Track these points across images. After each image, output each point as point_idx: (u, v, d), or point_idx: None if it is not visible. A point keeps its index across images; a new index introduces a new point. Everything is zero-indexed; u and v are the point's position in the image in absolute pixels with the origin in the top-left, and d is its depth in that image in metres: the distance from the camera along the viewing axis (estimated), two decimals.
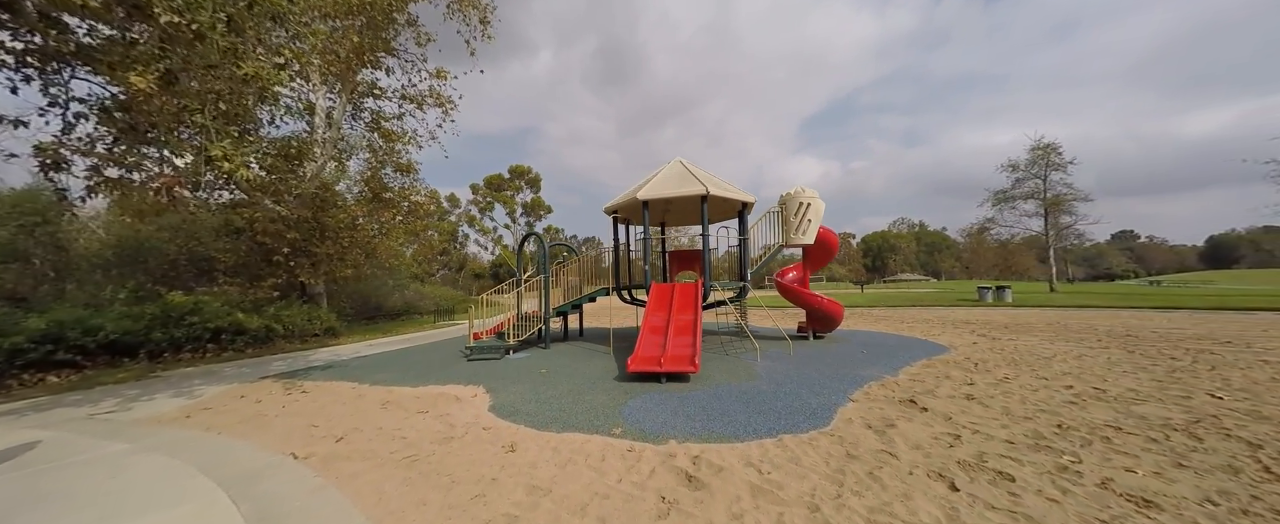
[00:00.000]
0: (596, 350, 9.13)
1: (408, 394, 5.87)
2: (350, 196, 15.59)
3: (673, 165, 9.46)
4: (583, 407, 4.79)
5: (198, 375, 8.00)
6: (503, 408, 4.91)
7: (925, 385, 5.28)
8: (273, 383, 7.12)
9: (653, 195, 8.38)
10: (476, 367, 7.74)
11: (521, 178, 75.47)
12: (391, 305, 23.59)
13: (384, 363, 8.65)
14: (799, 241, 8.85)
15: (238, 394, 6.33)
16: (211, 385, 7.05)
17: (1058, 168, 23.85)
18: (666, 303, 7.63)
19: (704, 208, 8.34)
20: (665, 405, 4.71)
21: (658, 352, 6.31)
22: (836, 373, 6.11)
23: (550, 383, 6.09)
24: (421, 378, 6.94)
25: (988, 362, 6.62)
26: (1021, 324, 11.70)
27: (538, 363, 7.91)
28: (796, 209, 8.89)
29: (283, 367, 8.70)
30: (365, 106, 16.39)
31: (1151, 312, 14.25)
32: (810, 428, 3.83)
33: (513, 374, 6.91)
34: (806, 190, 8.96)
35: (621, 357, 7.93)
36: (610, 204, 9.65)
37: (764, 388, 5.34)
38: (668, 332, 6.72)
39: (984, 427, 3.74)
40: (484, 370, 7.34)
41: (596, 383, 5.97)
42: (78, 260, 14.96)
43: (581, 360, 7.95)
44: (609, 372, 6.75)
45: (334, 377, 7.39)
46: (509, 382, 6.33)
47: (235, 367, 8.87)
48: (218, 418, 5.07)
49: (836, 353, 7.77)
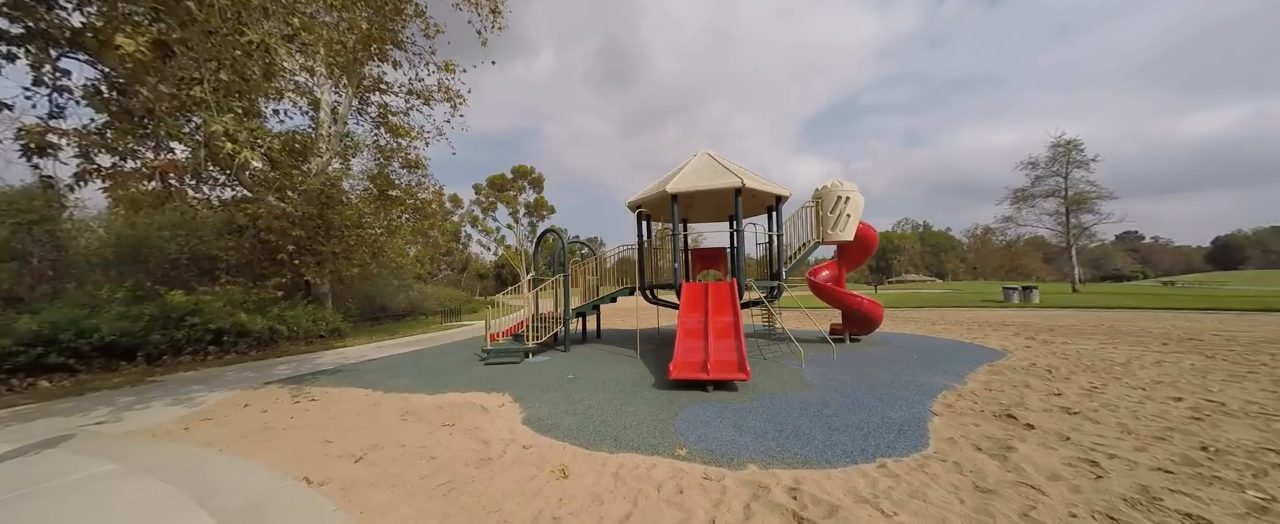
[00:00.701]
0: (620, 354, 8.58)
1: (428, 403, 5.34)
2: (355, 194, 15.10)
3: (700, 158, 8.92)
4: (629, 419, 4.25)
5: (198, 380, 7.48)
6: (539, 421, 4.37)
7: (1008, 396, 4.72)
8: (278, 389, 6.59)
9: (683, 188, 7.84)
10: (495, 371, 7.21)
11: (524, 178, 75.01)
12: (396, 306, 23.12)
13: (396, 367, 8.11)
14: (837, 238, 8.28)
15: (241, 402, 5.80)
16: (213, 392, 6.53)
17: (1079, 165, 23.27)
18: (701, 303, 7.09)
19: (738, 202, 7.80)
20: (723, 419, 4.16)
21: (699, 356, 5.76)
22: (897, 380, 5.55)
23: (583, 391, 5.55)
24: (439, 384, 6.40)
25: (1059, 369, 6.05)
26: (1063, 327, 11.13)
27: (560, 367, 7.37)
28: (834, 203, 8.33)
29: (288, 371, 8.17)
30: (371, 101, 15.91)
31: (1193, 313, 13.66)
32: (909, 449, 3.28)
33: (537, 380, 6.37)
34: (845, 183, 8.41)
35: (652, 361, 7.40)
36: (634, 198, 9.10)
37: (827, 398, 4.78)
38: (707, 334, 6.18)
39: (1115, 449, 3.19)
40: (505, 375, 6.81)
41: (634, 391, 5.43)
42: (76, 259, 14.49)
43: (608, 365, 7.41)
44: (643, 378, 6.21)
45: (344, 382, 6.86)
46: (536, 389, 5.79)
47: (238, 371, 8.35)
48: (219, 431, 4.54)
49: (884, 357, 7.21)
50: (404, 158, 14.44)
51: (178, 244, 14.96)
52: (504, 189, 74.78)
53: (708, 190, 7.81)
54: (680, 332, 6.28)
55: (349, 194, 14.17)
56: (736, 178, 7.65)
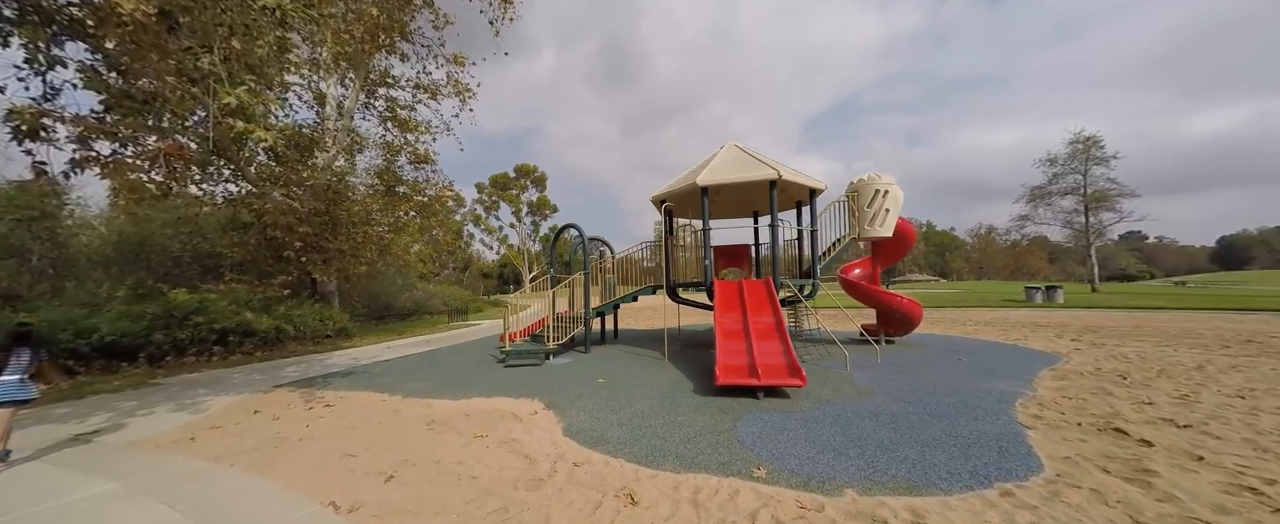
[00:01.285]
0: (644, 355, 8.17)
1: (453, 410, 4.92)
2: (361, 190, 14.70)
3: (728, 150, 8.49)
4: (684, 431, 3.83)
5: (203, 383, 7.08)
6: (582, 432, 3.95)
7: (1095, 406, 4.30)
8: (289, 393, 6.18)
9: (714, 181, 7.41)
10: (517, 374, 6.80)
11: (527, 177, 74.71)
12: (401, 305, 22.76)
13: (411, 369, 7.70)
14: (875, 234, 7.86)
15: (250, 408, 5.39)
16: (219, 396, 6.12)
17: (1100, 162, 22.78)
18: (736, 302, 6.66)
19: (772, 195, 7.37)
20: (790, 431, 3.74)
21: (743, 359, 5.34)
22: (961, 386, 5.13)
23: (619, 396, 5.14)
24: (461, 388, 5.99)
25: (1131, 374, 5.62)
26: (1102, 327, 10.69)
27: (586, 370, 6.96)
28: (871, 197, 7.90)
29: (297, 373, 7.77)
30: (378, 95, 15.50)
31: (1230, 313, 13.21)
32: (1024, 472, 2.85)
33: (565, 384, 5.96)
34: (883, 176, 7.98)
35: (682, 363, 6.97)
36: (659, 192, 8.68)
37: (894, 407, 4.36)
38: (748, 336, 5.75)
39: (1267, 471, 2.77)
40: (529, 379, 6.39)
41: (676, 397, 5.01)
42: (77, 257, 14.12)
43: (636, 367, 6.99)
44: (679, 382, 5.79)
45: (358, 385, 6.45)
46: (568, 394, 5.38)
47: (244, 372, 7.94)
48: (229, 441, 4.13)
49: (930, 361, 6.79)
50: (413, 152, 14.02)
51: (181, 241, 14.58)
52: (507, 188, 74.44)
53: (739, 183, 7.39)
54: (719, 333, 5.86)
55: (356, 189, 13.77)
56: (771, 169, 7.23)
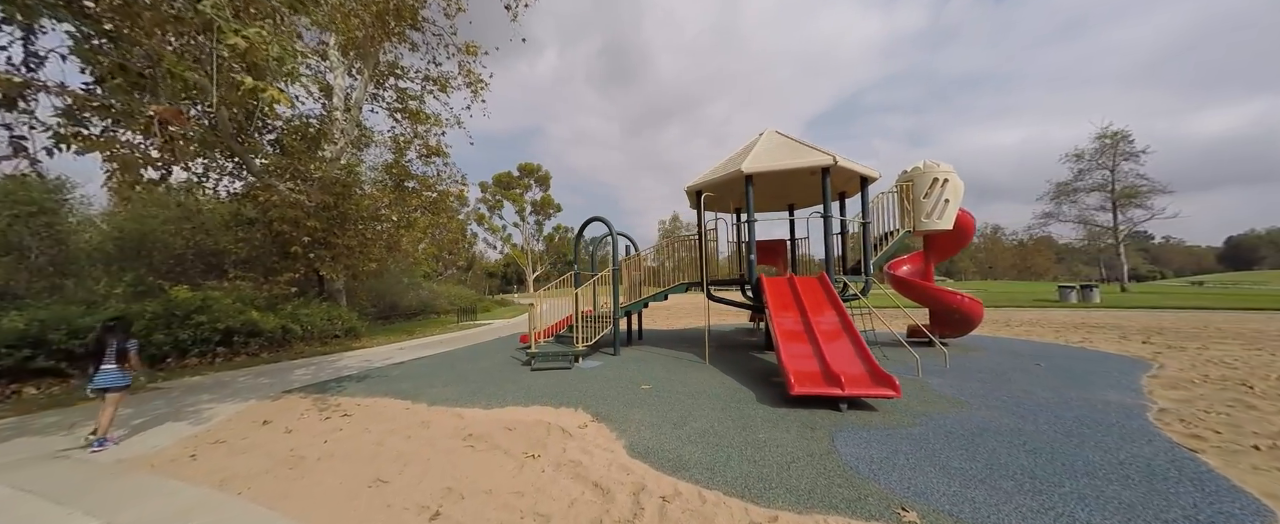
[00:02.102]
0: (681, 358, 7.56)
1: (489, 421, 4.32)
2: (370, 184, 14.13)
3: (770, 136, 7.87)
4: (774, 453, 3.22)
5: (206, 387, 6.50)
6: (651, 452, 3.35)
7: (1254, 422, 3.67)
8: (300, 399, 5.60)
9: (760, 168, 6.79)
10: (548, 379, 6.20)
11: (531, 176, 74.25)
12: (407, 304, 22.23)
13: (429, 372, 7.11)
14: (934, 227, 7.23)
15: (259, 417, 4.81)
16: (223, 402, 5.54)
17: (1129, 157, 22.02)
18: (790, 301, 6.05)
19: (825, 183, 6.74)
20: (904, 453, 3.13)
21: (814, 365, 4.73)
22: (1064, 396, 4.50)
23: (678, 407, 4.53)
24: (491, 394, 5.40)
25: (1251, 381, 4.99)
26: (1166, 328, 10.03)
27: (620, 373, 6.36)
28: (929, 187, 7.28)
29: (307, 376, 7.18)
30: (387, 85, 14.94)
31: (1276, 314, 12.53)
32: (1252, 517, 2.24)
33: (607, 391, 5.36)
34: (941, 164, 7.35)
35: (727, 365, 6.34)
36: (695, 182, 8.06)
37: (1009, 422, 3.74)
38: (814, 338, 5.13)
39: None
40: (564, 384, 5.79)
41: (742, 408, 4.41)
42: (77, 254, 13.61)
43: (677, 371, 6.38)
44: (733, 389, 5.19)
45: (377, 391, 5.86)
46: (615, 403, 4.78)
47: (250, 375, 7.37)
48: (235, 461, 3.54)
49: (1004, 366, 6.16)
50: (424, 144, 13.44)
51: (184, 238, 14.06)
52: (510, 187, 73.98)
53: (789, 170, 6.77)
54: (780, 335, 5.24)
55: (365, 183, 13.21)
56: (825, 155, 6.60)
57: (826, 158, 6.54)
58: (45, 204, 13.01)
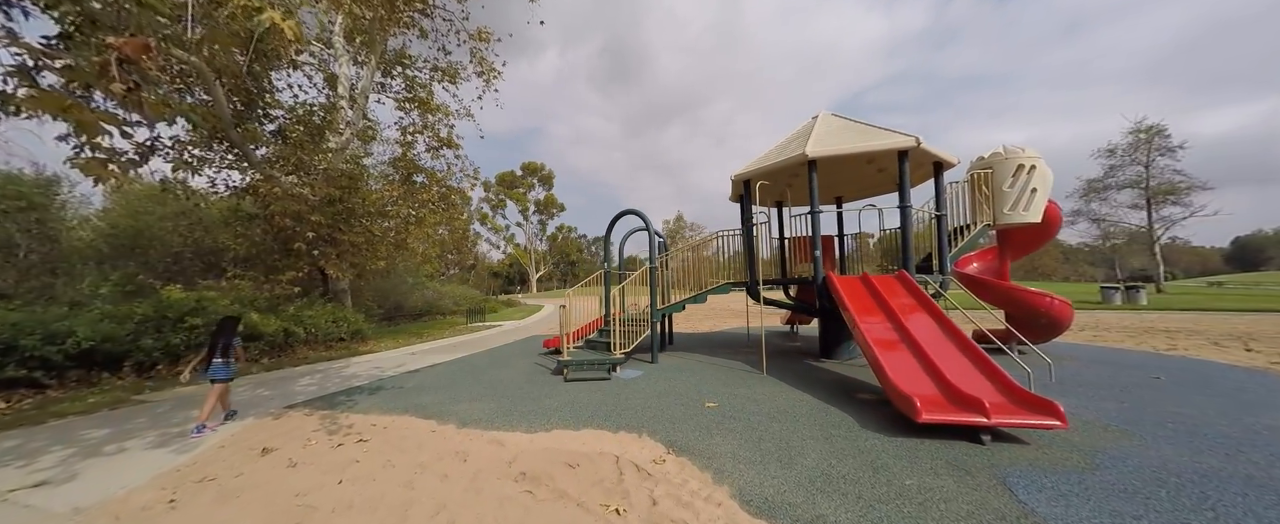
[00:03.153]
0: (731, 367, 6.76)
1: (540, 451, 3.52)
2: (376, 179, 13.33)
3: (826, 119, 7.07)
4: (946, 512, 2.42)
5: (198, 400, 5.70)
6: (772, 505, 2.55)
7: None
8: (306, 417, 4.80)
9: (826, 152, 5.99)
10: (589, 392, 5.40)
11: (534, 175, 73.54)
12: (411, 305, 21.49)
13: (450, 382, 6.31)
14: (1019, 220, 6.42)
15: (257, 442, 4.01)
16: (212, 419, 4.75)
17: (1165, 152, 21.16)
18: (874, 303, 5.24)
19: (904, 169, 5.93)
20: (1127, 513, 2.33)
21: (930, 383, 3.92)
22: (1246, 422, 3.70)
23: (766, 433, 3.73)
24: (528, 412, 4.60)
25: None
26: (1248, 333, 9.22)
27: (668, 385, 5.57)
28: (1013, 175, 6.47)
29: (313, 387, 6.39)
30: (395, 74, 14.14)
31: None
32: None
33: (664, 408, 4.57)
34: (1026, 149, 6.54)
35: (799, 379, 5.50)
36: (744, 170, 7.26)
37: (1212, 463, 2.93)
38: (918, 349, 4.32)
39: None
40: (609, 399, 5.00)
41: (849, 437, 3.61)
42: (69, 252, 12.85)
43: (735, 384, 5.59)
44: (817, 408, 4.40)
45: (394, 406, 5.06)
46: (684, 426, 3.98)
47: (249, 385, 6.58)
48: (224, 512, 2.74)
49: (1118, 379, 5.35)
50: (435, 135, 12.62)
51: (181, 236, 13.29)
52: (513, 186, 73.21)
53: (860, 153, 5.96)
54: (874, 344, 4.42)
55: (373, 176, 12.45)
56: (905, 137, 5.80)
57: (907, 140, 5.74)
58: (34, 199, 12.25)
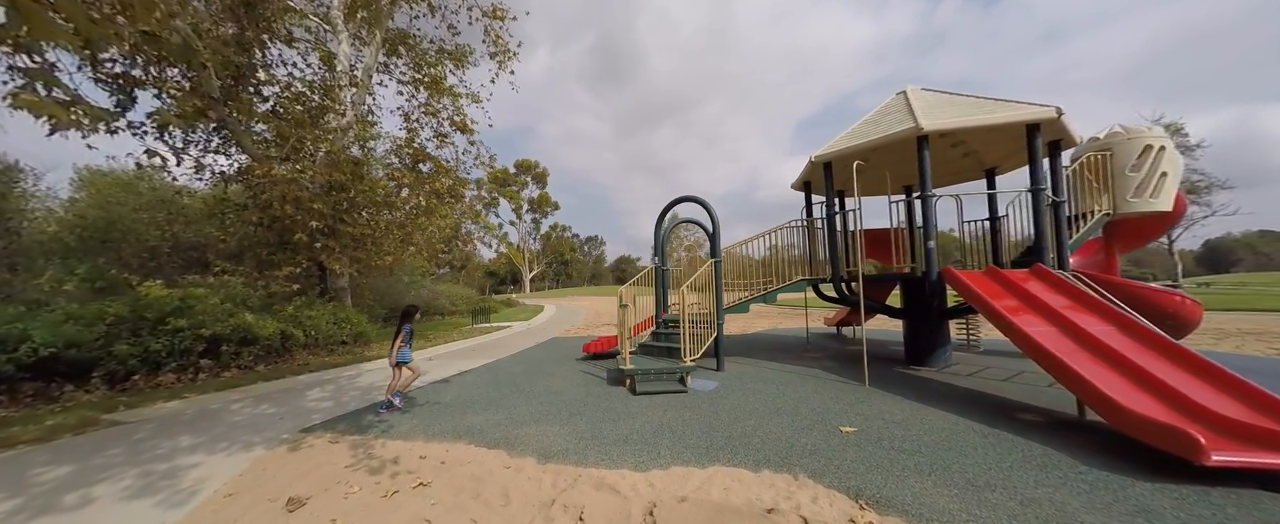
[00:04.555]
0: (811, 375, 5.88)
1: (668, 499, 2.58)
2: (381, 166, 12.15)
3: (920, 95, 6.25)
4: None
5: (186, 420, 4.61)
6: None
7: None
8: (331, 445, 3.77)
9: (945, 125, 5.14)
10: (667, 407, 4.46)
11: (528, 172, 72.13)
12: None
13: (492, 395, 5.29)
14: (1145, 208, 5.66)
15: (274, 488, 2.98)
16: (214, 453, 3.68)
17: (1184, 151, 20.98)
18: (1022, 302, 4.39)
19: (1036, 145, 5.10)
20: None
21: (1153, 403, 3.07)
22: None
23: (972, 474, 2.84)
24: (614, 438, 3.65)
25: None
26: None
27: (760, 400, 4.66)
28: (1138, 156, 5.71)
29: (327, 401, 5.31)
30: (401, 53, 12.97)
31: None
32: None
33: (789, 432, 3.66)
34: (1153, 128, 5.79)
35: (905, 387, 4.60)
36: (827, 150, 6.38)
37: None
38: (1122, 361, 3.47)
39: None
40: (701, 417, 4.07)
41: (1082, 480, 2.75)
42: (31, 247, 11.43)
43: (849, 399, 4.71)
44: (983, 433, 3.54)
45: (439, 429, 4.05)
46: (843, 459, 3.08)
47: (248, 399, 5.47)
48: None
49: None
50: (449, 119, 11.50)
51: (159, 228, 11.95)
52: (506, 184, 71.72)
53: (984, 127, 5.12)
54: (1059, 353, 3.55)
55: (378, 162, 11.28)
56: (1038, 108, 4.98)
57: (1043, 110, 4.92)
58: None
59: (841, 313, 10.14)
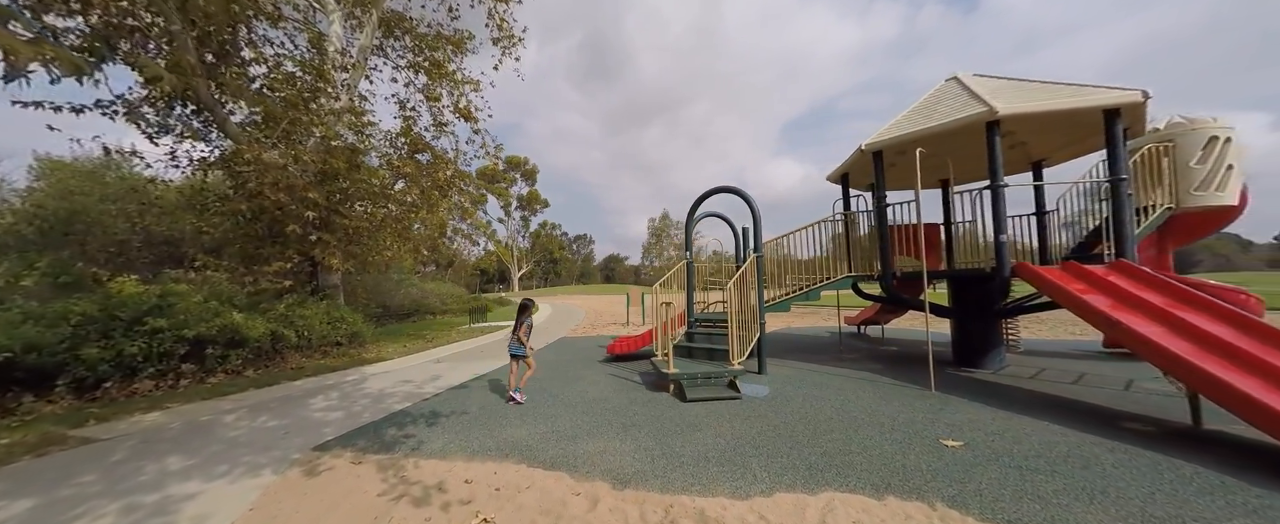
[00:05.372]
0: (864, 378, 5.49)
1: None
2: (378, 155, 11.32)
3: (978, 81, 5.90)
4: None
5: (170, 437, 3.95)
6: None
7: None
8: (354, 467, 3.20)
9: (1022, 109, 4.78)
10: (729, 416, 4.01)
11: (517, 169, 70.86)
12: (397, 303, 19.43)
13: (526, 404, 4.74)
14: (1210, 202, 5.44)
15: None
16: (211, 477, 3.07)
17: None
18: (1119, 300, 4.05)
19: (1118, 132, 4.78)
20: None
21: None
22: None
23: (1138, 501, 2.45)
24: (689, 456, 3.17)
25: None
26: None
27: (821, 405, 4.25)
28: (1202, 148, 5.47)
29: (335, 411, 4.69)
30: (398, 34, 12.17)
31: None
32: None
33: (885, 446, 3.25)
34: (1218, 119, 5.56)
35: (973, 392, 4.21)
36: (880, 138, 5.99)
37: None
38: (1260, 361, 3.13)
39: None
40: (774, 428, 3.63)
41: (1238, 497, 2.40)
42: None
43: (914, 404, 4.32)
44: (1106, 447, 3.19)
45: (480, 445, 3.51)
46: (977, 484, 2.67)
47: (241, 409, 4.80)
48: None
49: None
50: (455, 105, 10.79)
51: (129, 220, 10.96)
52: (495, 181, 70.34)
53: (1063, 111, 4.79)
54: (1200, 361, 3.19)
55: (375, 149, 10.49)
56: (1125, 91, 4.66)
57: (1128, 94, 4.60)
58: None
59: (867, 311, 9.83)
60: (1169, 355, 3.28)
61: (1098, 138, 5.79)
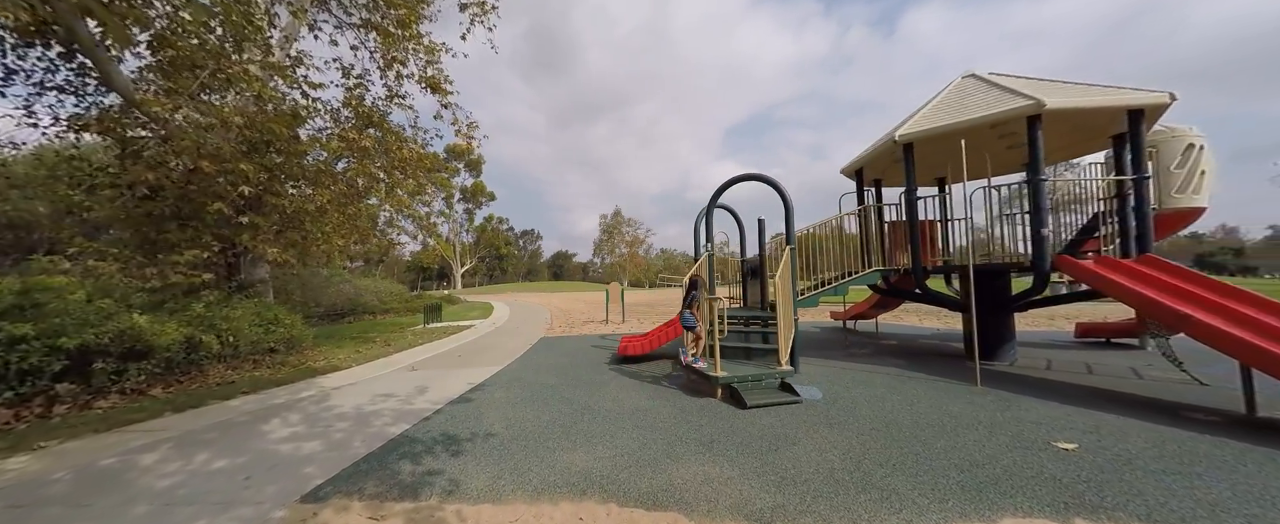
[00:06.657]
0: (899, 374, 5.36)
1: None
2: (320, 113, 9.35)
3: (997, 77, 5.99)
4: None
5: (58, 495, 2.70)
6: None
7: None
8: (368, 522, 2.30)
9: (1068, 104, 4.82)
10: (806, 426, 3.58)
11: (460, 159, 66.39)
12: (329, 301, 17.19)
13: (554, 419, 3.96)
14: (1185, 204, 5.93)
15: None
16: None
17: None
18: (1170, 294, 4.15)
19: (1140, 132, 4.98)
20: None
21: None
22: None
23: None
24: (803, 472, 2.69)
25: None
26: None
27: (886, 408, 3.99)
28: (1181, 154, 5.96)
29: (307, 440, 3.58)
30: None
31: None
32: None
33: (1001, 454, 2.99)
34: (1193, 128, 6.08)
35: (1016, 388, 4.16)
36: (912, 130, 5.86)
37: None
38: None
39: None
40: (867, 441, 3.26)
41: None
42: None
43: (972, 403, 4.18)
44: (1207, 443, 3.16)
45: (534, 481, 2.74)
46: (1148, 502, 2.42)
47: (160, 445, 3.52)
48: None
49: None
50: (422, 74, 9.33)
51: None
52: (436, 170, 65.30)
53: (1099, 108, 4.91)
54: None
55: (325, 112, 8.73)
56: (1152, 93, 4.85)
57: (1155, 96, 4.79)
58: None
59: (857, 306, 9.97)
60: (1251, 347, 3.33)
61: (1095, 141, 6.14)
